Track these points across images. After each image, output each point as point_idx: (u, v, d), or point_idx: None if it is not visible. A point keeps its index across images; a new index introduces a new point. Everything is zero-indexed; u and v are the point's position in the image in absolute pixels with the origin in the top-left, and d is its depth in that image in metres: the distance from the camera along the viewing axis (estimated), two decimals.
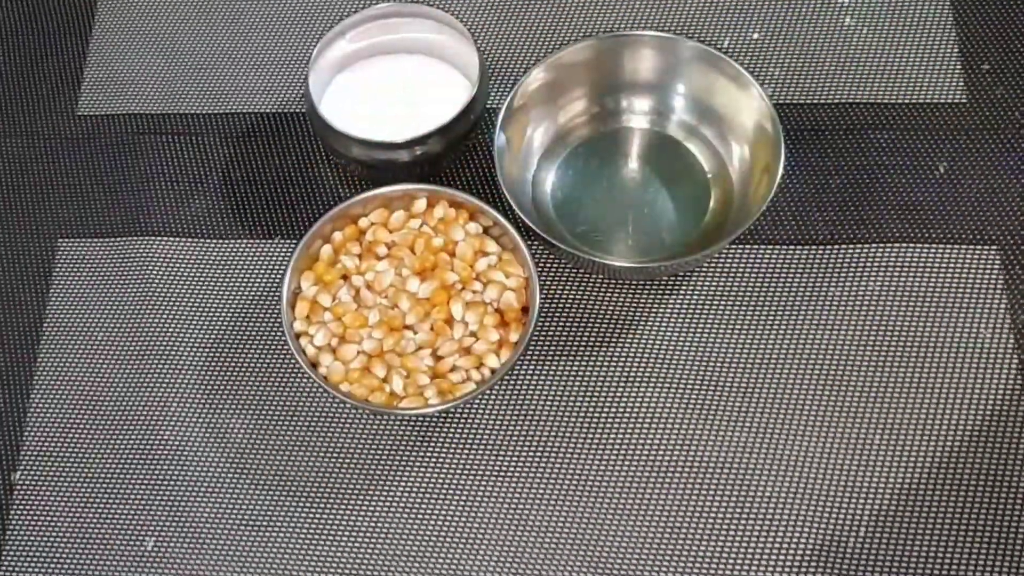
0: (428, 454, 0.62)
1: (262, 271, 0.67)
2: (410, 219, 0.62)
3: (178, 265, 0.67)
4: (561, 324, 0.64)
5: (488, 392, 0.62)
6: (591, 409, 0.62)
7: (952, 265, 0.64)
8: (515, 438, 0.62)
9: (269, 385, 0.64)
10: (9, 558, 0.61)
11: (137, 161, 0.71)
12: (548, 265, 0.66)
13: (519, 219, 0.61)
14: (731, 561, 0.58)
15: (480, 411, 0.62)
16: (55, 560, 0.61)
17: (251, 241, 0.68)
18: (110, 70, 0.74)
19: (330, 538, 0.60)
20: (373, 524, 0.60)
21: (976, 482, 0.59)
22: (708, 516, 0.59)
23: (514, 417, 0.62)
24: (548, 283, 0.65)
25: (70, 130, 0.72)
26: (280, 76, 0.72)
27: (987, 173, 0.67)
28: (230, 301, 0.66)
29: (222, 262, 0.67)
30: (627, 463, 0.61)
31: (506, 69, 0.71)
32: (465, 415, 0.62)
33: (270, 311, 0.66)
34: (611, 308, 0.64)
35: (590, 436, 0.61)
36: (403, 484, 0.61)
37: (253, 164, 0.70)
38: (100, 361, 0.65)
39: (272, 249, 0.67)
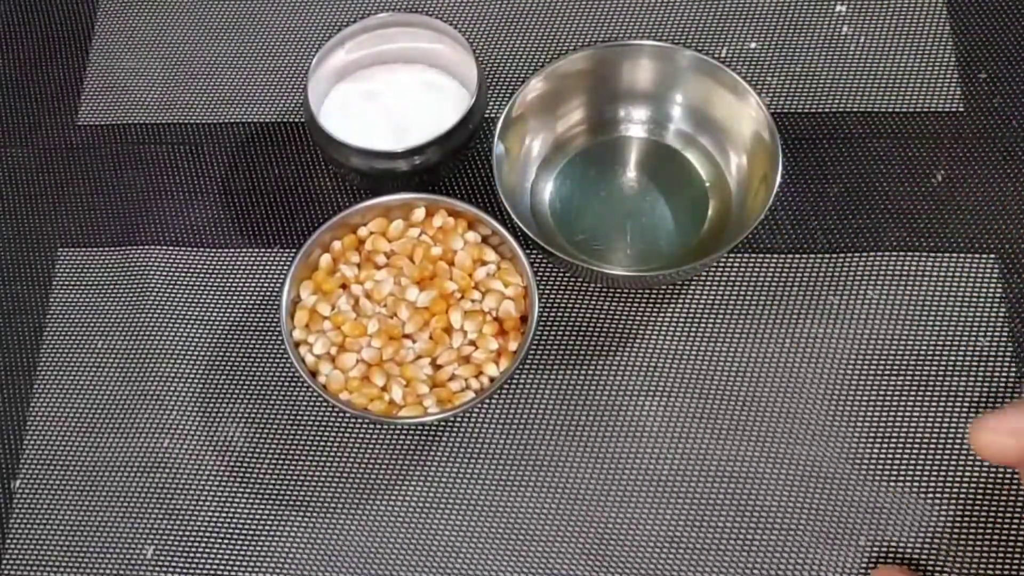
0: (427, 463, 0.62)
1: (261, 280, 0.67)
2: (409, 228, 0.62)
3: (177, 274, 0.67)
4: (560, 333, 0.64)
5: (487, 401, 0.63)
6: (590, 417, 0.62)
7: (950, 274, 0.64)
8: (514, 447, 0.62)
9: (268, 394, 0.64)
10: (9, 566, 0.61)
11: (137, 171, 0.71)
12: (547, 274, 0.66)
13: (517, 228, 0.61)
14: (732, 569, 0.58)
15: (479, 420, 0.62)
16: (55, 568, 0.61)
17: (250, 250, 0.68)
18: (110, 80, 0.74)
19: (329, 546, 0.60)
20: (372, 532, 0.60)
21: (974, 490, 0.59)
22: (707, 523, 0.59)
23: (513, 426, 0.62)
24: (547, 292, 0.65)
25: (70, 140, 0.72)
26: (279, 86, 0.73)
27: (985, 182, 0.67)
28: (229, 310, 0.66)
29: (221, 271, 0.67)
30: (626, 471, 0.61)
31: (504, 79, 0.71)
32: (464, 424, 0.62)
33: (269, 320, 0.66)
34: (609, 316, 0.64)
35: (589, 444, 0.61)
36: (402, 492, 0.61)
37: (252, 174, 0.70)
38: (100, 370, 0.65)
39: (271, 258, 0.67)
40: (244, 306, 0.66)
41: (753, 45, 0.72)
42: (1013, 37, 0.71)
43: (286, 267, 0.61)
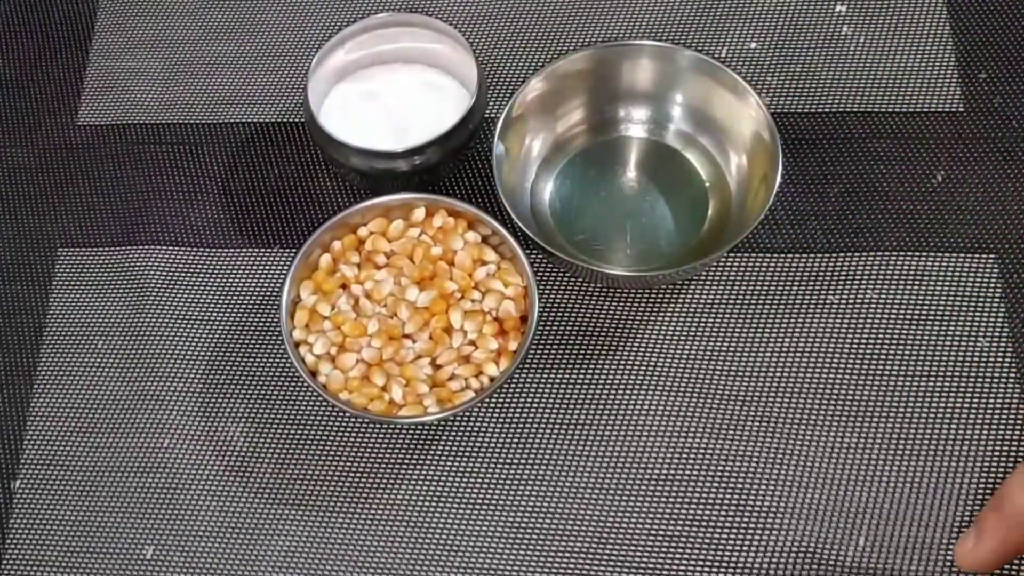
0: (427, 462, 0.62)
1: (261, 280, 0.67)
2: (409, 228, 0.62)
3: (177, 274, 0.67)
4: (560, 332, 0.64)
5: (487, 400, 0.63)
6: (589, 417, 0.62)
7: (950, 274, 0.64)
8: (514, 446, 0.62)
9: (268, 393, 0.64)
10: (9, 566, 0.61)
11: (137, 171, 0.71)
12: (547, 274, 0.66)
13: (517, 228, 0.61)
14: (731, 568, 0.58)
15: (479, 419, 0.62)
16: (55, 568, 0.61)
17: (250, 250, 0.68)
18: (110, 80, 0.74)
19: (329, 546, 0.60)
20: (372, 532, 0.60)
21: (974, 492, 0.59)
22: (706, 523, 0.59)
23: (513, 425, 0.62)
24: (547, 292, 0.65)
25: (70, 140, 0.72)
26: (279, 86, 0.73)
27: (985, 182, 0.67)
28: (229, 310, 0.66)
29: (221, 271, 0.67)
30: (625, 471, 0.61)
31: (504, 79, 0.71)
32: (464, 423, 0.62)
33: (269, 320, 0.66)
34: (609, 316, 0.64)
35: (588, 444, 0.61)
36: (402, 492, 0.61)
37: (252, 174, 0.70)
38: (100, 370, 0.65)
39: (271, 258, 0.67)
40: (244, 306, 0.66)
41: (753, 45, 0.72)
42: (1013, 37, 0.71)
43: (286, 267, 0.61)
